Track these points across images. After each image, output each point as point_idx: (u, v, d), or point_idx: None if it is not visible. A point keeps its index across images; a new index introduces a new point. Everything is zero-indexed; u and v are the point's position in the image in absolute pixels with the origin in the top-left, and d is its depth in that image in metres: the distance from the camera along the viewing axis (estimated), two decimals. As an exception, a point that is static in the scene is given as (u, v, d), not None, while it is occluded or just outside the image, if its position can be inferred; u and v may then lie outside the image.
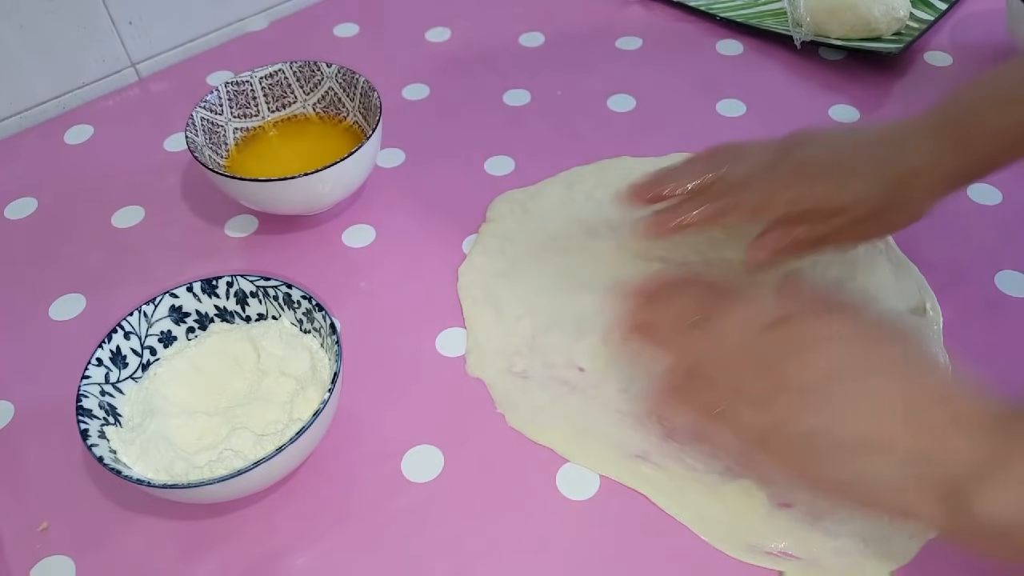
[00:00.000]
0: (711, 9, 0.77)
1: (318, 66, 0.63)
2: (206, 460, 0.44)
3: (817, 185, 0.47)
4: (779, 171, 0.48)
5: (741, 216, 0.49)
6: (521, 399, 0.49)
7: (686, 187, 0.49)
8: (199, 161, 0.56)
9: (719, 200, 0.49)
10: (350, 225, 0.61)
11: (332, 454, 0.47)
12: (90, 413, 0.44)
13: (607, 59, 0.74)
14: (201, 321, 0.50)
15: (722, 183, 0.49)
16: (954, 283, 0.54)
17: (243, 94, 0.62)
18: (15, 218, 0.63)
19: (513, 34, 0.77)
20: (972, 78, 0.48)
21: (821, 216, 0.47)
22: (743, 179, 0.49)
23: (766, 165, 0.48)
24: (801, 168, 0.48)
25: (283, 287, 0.49)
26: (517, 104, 0.70)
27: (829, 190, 0.47)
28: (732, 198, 0.49)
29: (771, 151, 0.49)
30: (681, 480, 0.45)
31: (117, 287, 0.57)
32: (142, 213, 0.63)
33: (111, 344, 0.47)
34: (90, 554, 0.44)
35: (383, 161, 0.65)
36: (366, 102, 0.61)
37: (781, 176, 0.48)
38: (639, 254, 0.56)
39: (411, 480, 0.46)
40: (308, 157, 0.58)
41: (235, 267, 0.57)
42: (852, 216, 0.47)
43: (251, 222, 0.61)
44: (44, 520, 0.45)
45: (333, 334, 0.47)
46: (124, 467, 0.43)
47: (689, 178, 0.50)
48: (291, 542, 0.44)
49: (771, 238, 0.48)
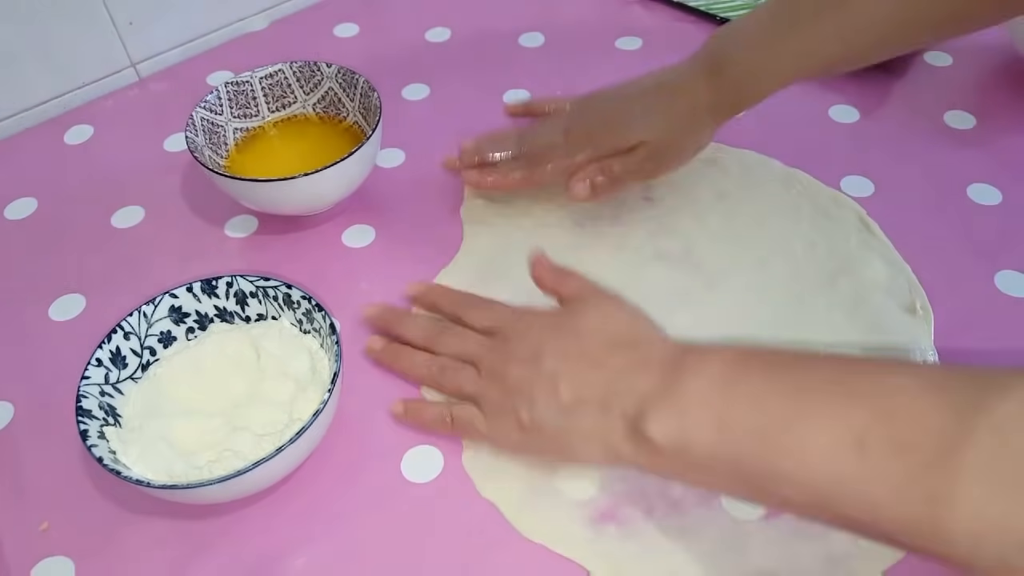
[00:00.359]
0: (711, 9, 0.77)
1: (318, 66, 0.63)
2: (206, 460, 0.44)
3: (606, 134, 0.55)
4: (571, 134, 0.57)
5: (554, 175, 0.57)
6: None
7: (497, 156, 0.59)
8: (199, 161, 0.56)
9: (532, 165, 0.58)
10: (350, 225, 0.61)
11: (332, 454, 0.47)
12: (90, 414, 0.44)
13: (607, 59, 0.74)
14: (201, 321, 0.50)
15: (528, 154, 0.58)
16: (953, 283, 0.54)
17: (243, 94, 0.62)
18: (15, 218, 0.63)
19: (513, 34, 0.77)
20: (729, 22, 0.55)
21: (621, 155, 0.55)
22: (544, 148, 0.57)
23: (559, 132, 0.57)
24: (587, 126, 0.57)
25: (283, 287, 0.49)
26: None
27: (624, 131, 0.55)
28: (542, 163, 0.57)
29: (560, 120, 0.58)
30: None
31: (117, 287, 0.57)
32: (142, 213, 0.63)
33: (111, 344, 0.47)
34: (90, 554, 0.44)
35: (383, 161, 0.65)
36: (366, 102, 0.61)
37: (573, 137, 0.56)
38: (636, 248, 0.57)
39: (411, 480, 0.46)
40: (308, 157, 0.58)
41: (235, 267, 0.57)
42: (647, 150, 0.55)
43: (251, 222, 0.61)
44: (44, 521, 0.45)
45: (333, 334, 0.47)
46: (124, 468, 0.43)
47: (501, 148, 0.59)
48: (291, 542, 0.44)
49: (588, 171, 0.55)
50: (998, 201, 0.59)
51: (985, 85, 0.70)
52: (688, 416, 0.37)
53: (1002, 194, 0.60)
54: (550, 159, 0.57)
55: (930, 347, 0.51)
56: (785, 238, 0.58)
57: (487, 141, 0.60)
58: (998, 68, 0.71)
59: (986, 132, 0.65)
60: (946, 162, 0.62)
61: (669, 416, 0.37)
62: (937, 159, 0.63)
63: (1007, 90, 0.69)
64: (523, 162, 0.58)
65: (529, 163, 0.58)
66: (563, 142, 0.57)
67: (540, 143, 0.58)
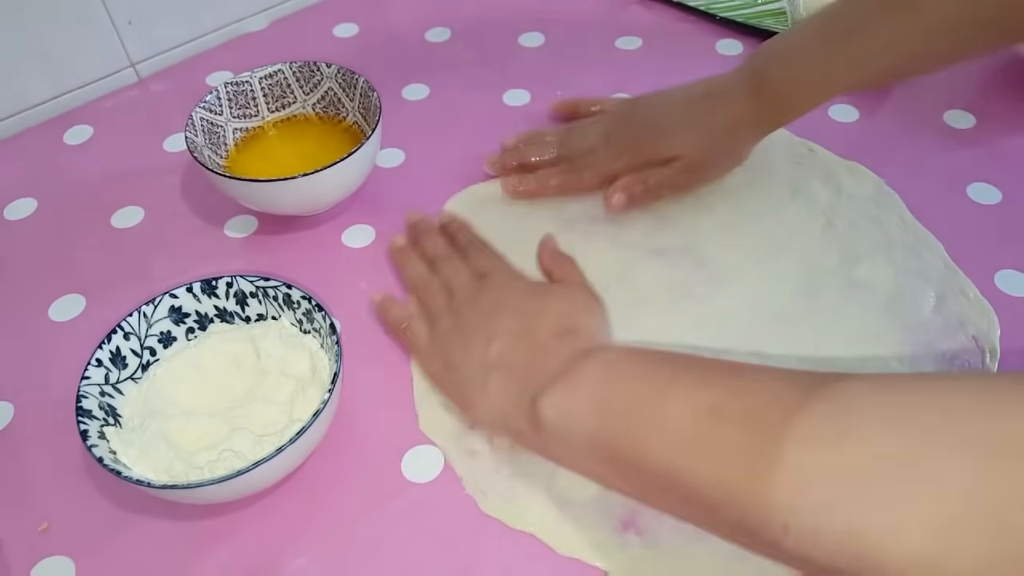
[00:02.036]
0: (711, 9, 0.77)
1: (318, 66, 0.63)
2: (206, 460, 0.44)
3: (645, 144, 0.56)
4: (612, 140, 0.58)
5: (592, 181, 0.58)
6: None
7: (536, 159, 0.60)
8: (199, 161, 0.56)
9: (570, 172, 0.59)
10: (350, 225, 0.61)
11: (332, 454, 0.47)
12: (90, 414, 0.44)
13: (607, 59, 0.74)
14: (201, 321, 0.50)
15: (568, 157, 0.59)
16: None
17: (243, 94, 0.62)
18: (15, 218, 0.63)
19: (513, 34, 0.77)
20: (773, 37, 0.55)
21: (659, 165, 0.56)
22: (584, 153, 0.58)
23: (600, 137, 0.58)
24: (628, 133, 0.57)
25: (283, 287, 0.49)
26: (517, 104, 0.70)
27: (663, 142, 0.56)
28: (580, 170, 0.58)
29: (602, 123, 0.59)
30: None
31: (117, 288, 0.57)
32: (142, 213, 0.63)
33: (111, 345, 0.47)
34: (90, 554, 0.44)
35: (383, 161, 0.65)
36: (366, 102, 0.61)
37: (614, 144, 0.58)
38: (629, 244, 0.57)
39: (411, 480, 0.46)
40: (308, 157, 0.58)
41: (235, 267, 0.57)
42: (683, 164, 0.56)
43: (251, 222, 0.61)
44: (44, 521, 0.45)
45: (333, 334, 0.47)
46: (124, 468, 0.43)
47: (544, 149, 0.60)
48: (291, 542, 0.44)
49: (625, 183, 0.57)
50: (998, 201, 0.59)
51: (985, 85, 0.70)
52: (574, 397, 0.38)
53: (1002, 194, 0.60)
54: (589, 165, 0.58)
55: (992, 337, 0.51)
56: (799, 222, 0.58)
57: (527, 143, 0.61)
58: (998, 68, 0.71)
59: (986, 132, 0.65)
60: (946, 162, 0.62)
61: (559, 396, 0.39)
62: (937, 159, 0.63)
63: (1007, 90, 0.69)
64: (562, 167, 0.59)
65: (568, 168, 0.59)
66: (603, 147, 0.58)
67: (580, 148, 0.59)
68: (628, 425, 0.36)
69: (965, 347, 0.50)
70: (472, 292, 0.48)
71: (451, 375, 0.46)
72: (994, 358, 0.50)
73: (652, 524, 0.44)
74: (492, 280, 0.49)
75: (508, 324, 0.44)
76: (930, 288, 0.53)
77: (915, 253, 0.56)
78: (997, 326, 0.51)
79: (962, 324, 0.52)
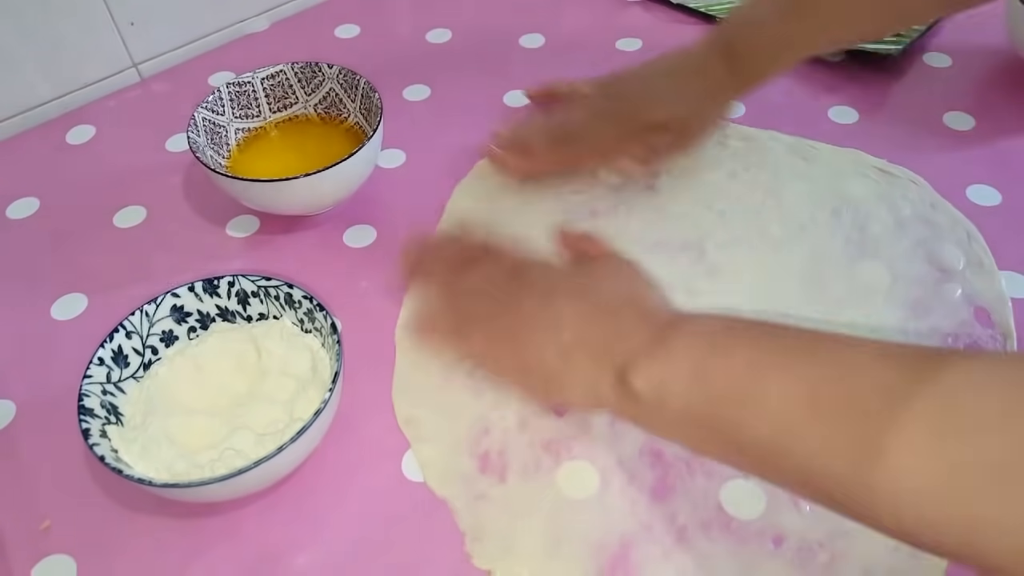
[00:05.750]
0: (711, 10, 0.77)
1: (319, 67, 0.63)
2: (207, 459, 0.44)
3: (635, 113, 0.58)
4: (600, 114, 0.59)
5: (592, 159, 0.61)
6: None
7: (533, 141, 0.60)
8: (201, 161, 0.56)
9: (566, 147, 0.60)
10: (351, 225, 0.61)
11: (332, 454, 0.47)
12: (92, 412, 0.45)
13: (607, 59, 0.74)
14: (203, 321, 0.51)
15: (562, 135, 0.60)
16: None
17: (245, 95, 0.62)
18: (17, 218, 0.63)
19: (513, 34, 0.77)
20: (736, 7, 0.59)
21: (649, 133, 0.58)
22: (576, 129, 0.59)
23: (588, 112, 0.60)
24: (615, 105, 0.59)
25: (284, 287, 0.50)
26: (517, 105, 0.70)
27: (646, 114, 0.58)
28: (575, 143, 0.59)
29: (588, 101, 0.61)
30: None
31: (119, 287, 0.57)
32: (144, 213, 0.63)
33: (113, 343, 0.47)
34: (91, 553, 0.44)
35: (384, 161, 0.65)
36: (367, 103, 0.61)
37: (604, 117, 0.59)
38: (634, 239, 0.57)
39: (411, 480, 0.47)
40: (309, 158, 0.58)
41: (236, 267, 0.58)
42: (673, 129, 0.58)
43: (252, 222, 0.61)
44: (46, 519, 0.46)
45: (334, 334, 0.47)
46: (125, 466, 0.43)
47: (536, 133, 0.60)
48: (291, 542, 0.45)
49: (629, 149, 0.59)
50: (998, 201, 0.59)
51: (985, 86, 0.70)
52: (669, 369, 0.38)
53: (1002, 194, 0.60)
54: (582, 138, 0.60)
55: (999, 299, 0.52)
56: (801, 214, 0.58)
57: (522, 128, 0.62)
58: (997, 69, 0.71)
59: (986, 132, 0.65)
60: (946, 162, 0.62)
61: (652, 368, 0.39)
62: (937, 159, 0.63)
63: (1006, 91, 0.69)
64: (559, 146, 0.60)
65: (565, 145, 0.60)
66: (593, 121, 0.59)
67: (572, 126, 0.60)
68: (727, 404, 0.36)
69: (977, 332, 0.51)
70: (516, 288, 0.47)
71: (529, 372, 0.45)
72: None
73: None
74: (531, 272, 0.48)
75: (569, 308, 0.44)
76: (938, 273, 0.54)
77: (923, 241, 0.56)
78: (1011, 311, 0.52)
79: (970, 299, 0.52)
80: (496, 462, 0.47)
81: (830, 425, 0.32)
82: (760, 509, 0.44)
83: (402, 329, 0.54)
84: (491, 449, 0.47)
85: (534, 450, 0.47)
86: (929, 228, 0.57)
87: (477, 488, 0.46)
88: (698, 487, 0.45)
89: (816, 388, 0.33)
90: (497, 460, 0.47)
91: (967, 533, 0.28)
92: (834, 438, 0.32)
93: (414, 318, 0.50)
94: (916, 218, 0.57)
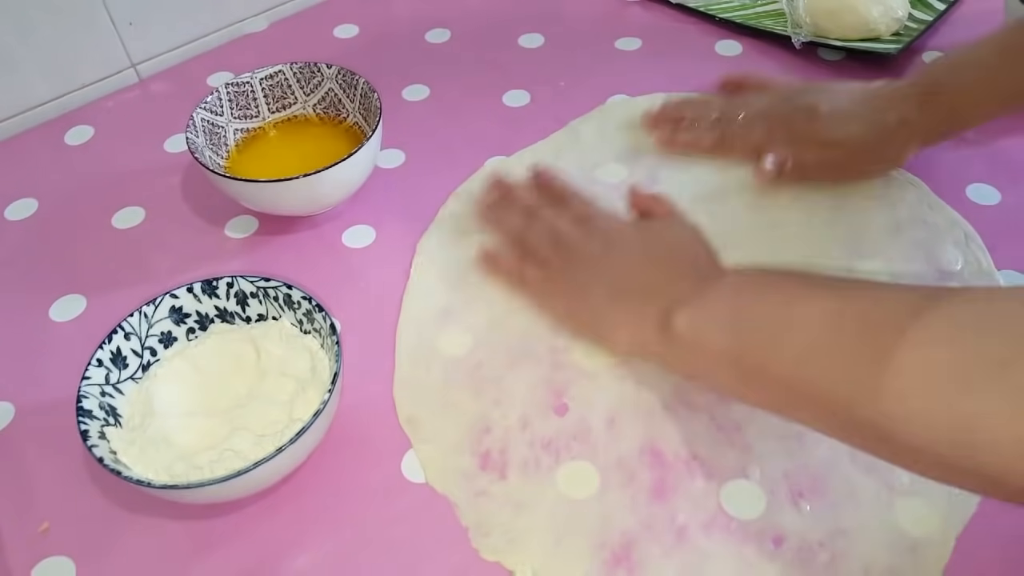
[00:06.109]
0: (710, 10, 0.77)
1: (318, 67, 0.63)
2: (206, 460, 0.44)
3: (810, 125, 0.56)
4: (771, 115, 0.58)
5: (743, 150, 0.59)
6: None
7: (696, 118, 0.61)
8: (199, 162, 0.56)
9: (722, 136, 0.60)
10: (350, 226, 0.61)
11: (332, 454, 0.47)
12: (90, 414, 0.44)
13: (607, 60, 0.74)
14: (201, 322, 0.51)
15: (728, 120, 0.60)
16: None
17: (243, 95, 0.62)
18: (15, 219, 0.63)
19: (513, 34, 0.77)
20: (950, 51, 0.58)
21: (817, 148, 0.57)
22: (750, 119, 0.59)
23: (771, 106, 0.59)
24: (793, 112, 0.58)
25: (283, 288, 0.50)
26: (517, 105, 0.70)
27: (828, 126, 0.56)
28: (732, 136, 0.59)
29: (778, 96, 0.60)
30: None
31: (117, 288, 0.57)
32: (142, 214, 0.63)
33: (111, 345, 0.47)
34: (90, 555, 0.44)
35: (383, 162, 0.65)
36: (366, 103, 0.61)
37: (773, 120, 0.58)
38: None
39: (411, 480, 0.46)
40: (308, 158, 0.58)
41: (235, 268, 0.57)
42: (845, 151, 0.56)
43: (251, 223, 0.61)
44: (44, 521, 0.46)
45: (333, 335, 0.47)
46: (124, 468, 0.43)
47: (704, 110, 0.61)
48: (291, 542, 0.44)
49: (782, 153, 0.57)
50: (997, 201, 0.59)
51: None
52: (709, 313, 0.43)
53: (1001, 194, 0.60)
54: (742, 134, 0.59)
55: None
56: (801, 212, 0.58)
57: (690, 103, 0.62)
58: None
59: (986, 132, 0.65)
60: (946, 162, 0.62)
61: (693, 311, 0.43)
62: (937, 159, 0.63)
63: (1007, 90, 0.68)
64: (718, 132, 0.60)
65: (722, 132, 0.60)
66: (760, 120, 0.59)
67: (738, 116, 0.60)
68: (756, 335, 0.40)
69: None
70: (580, 234, 0.50)
71: (581, 310, 0.49)
72: None
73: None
74: (596, 221, 0.51)
75: (626, 256, 0.48)
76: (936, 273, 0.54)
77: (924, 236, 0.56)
78: None
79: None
80: (497, 460, 0.47)
81: (846, 343, 0.36)
82: (760, 509, 0.44)
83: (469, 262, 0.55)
84: (492, 448, 0.47)
85: (534, 449, 0.47)
86: (927, 229, 0.57)
87: (478, 484, 0.46)
88: (698, 487, 0.45)
89: (838, 314, 0.37)
90: (498, 458, 0.47)
91: (964, 428, 0.31)
92: (849, 355, 0.35)
93: (480, 252, 0.54)
94: (914, 219, 0.57)
